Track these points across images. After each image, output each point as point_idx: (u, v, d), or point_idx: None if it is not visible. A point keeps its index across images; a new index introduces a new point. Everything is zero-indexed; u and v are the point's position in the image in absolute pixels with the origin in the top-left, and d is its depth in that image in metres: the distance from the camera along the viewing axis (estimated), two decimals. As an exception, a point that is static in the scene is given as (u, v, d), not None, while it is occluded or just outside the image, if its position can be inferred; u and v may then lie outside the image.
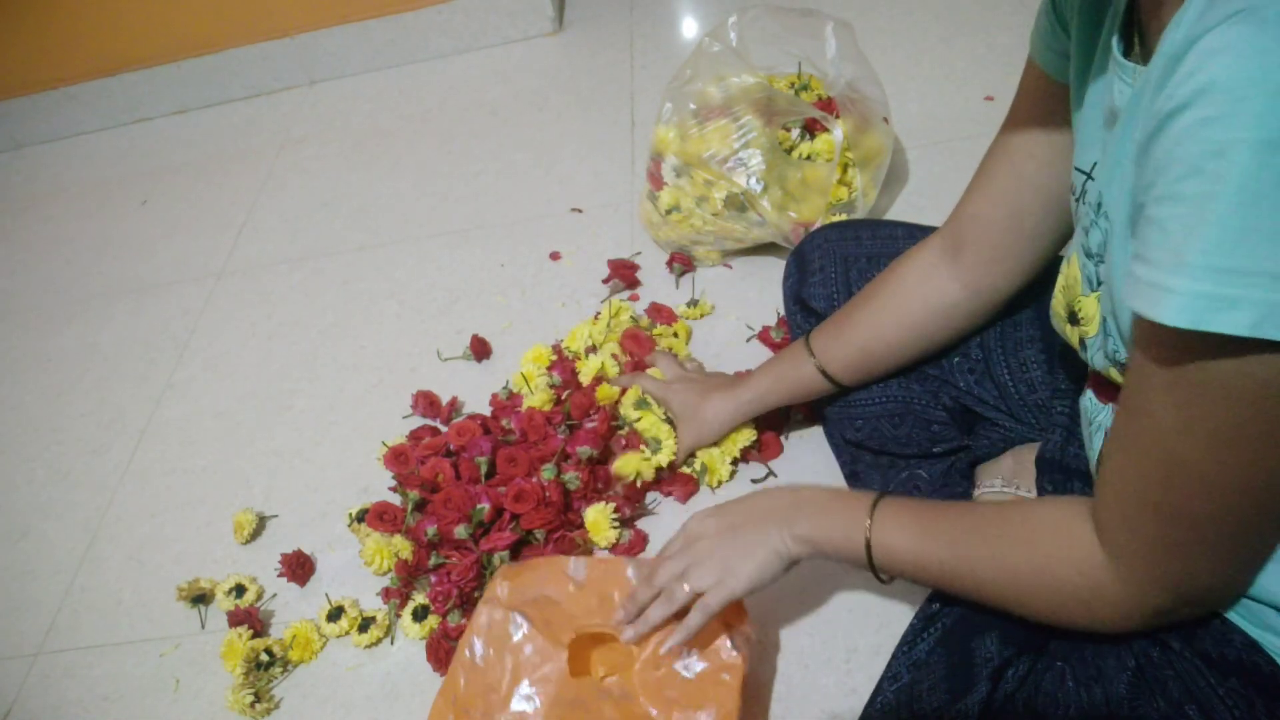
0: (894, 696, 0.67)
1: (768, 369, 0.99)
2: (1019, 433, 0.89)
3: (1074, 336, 0.64)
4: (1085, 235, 0.60)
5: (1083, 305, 0.61)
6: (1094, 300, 0.60)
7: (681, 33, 1.94)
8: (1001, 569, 0.61)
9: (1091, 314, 0.60)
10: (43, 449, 1.45)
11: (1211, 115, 0.39)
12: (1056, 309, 0.65)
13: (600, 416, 1.09)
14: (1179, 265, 0.41)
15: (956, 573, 0.64)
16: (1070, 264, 0.63)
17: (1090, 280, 0.60)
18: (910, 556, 0.67)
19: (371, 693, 1.01)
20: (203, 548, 1.22)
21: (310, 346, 1.46)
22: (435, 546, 1.04)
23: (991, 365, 0.88)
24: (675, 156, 1.29)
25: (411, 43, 2.04)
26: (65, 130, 2.20)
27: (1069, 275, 0.63)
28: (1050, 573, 0.58)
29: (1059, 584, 0.57)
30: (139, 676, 1.10)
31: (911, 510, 0.68)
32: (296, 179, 1.85)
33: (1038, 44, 0.70)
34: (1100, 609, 0.57)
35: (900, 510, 0.69)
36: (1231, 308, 0.40)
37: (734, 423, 1.02)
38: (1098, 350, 0.60)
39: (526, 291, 1.42)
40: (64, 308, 1.71)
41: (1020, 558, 0.60)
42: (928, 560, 0.66)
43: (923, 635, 0.70)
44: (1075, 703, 0.60)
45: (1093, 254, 0.59)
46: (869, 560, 0.69)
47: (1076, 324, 0.62)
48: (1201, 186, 0.40)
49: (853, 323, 0.90)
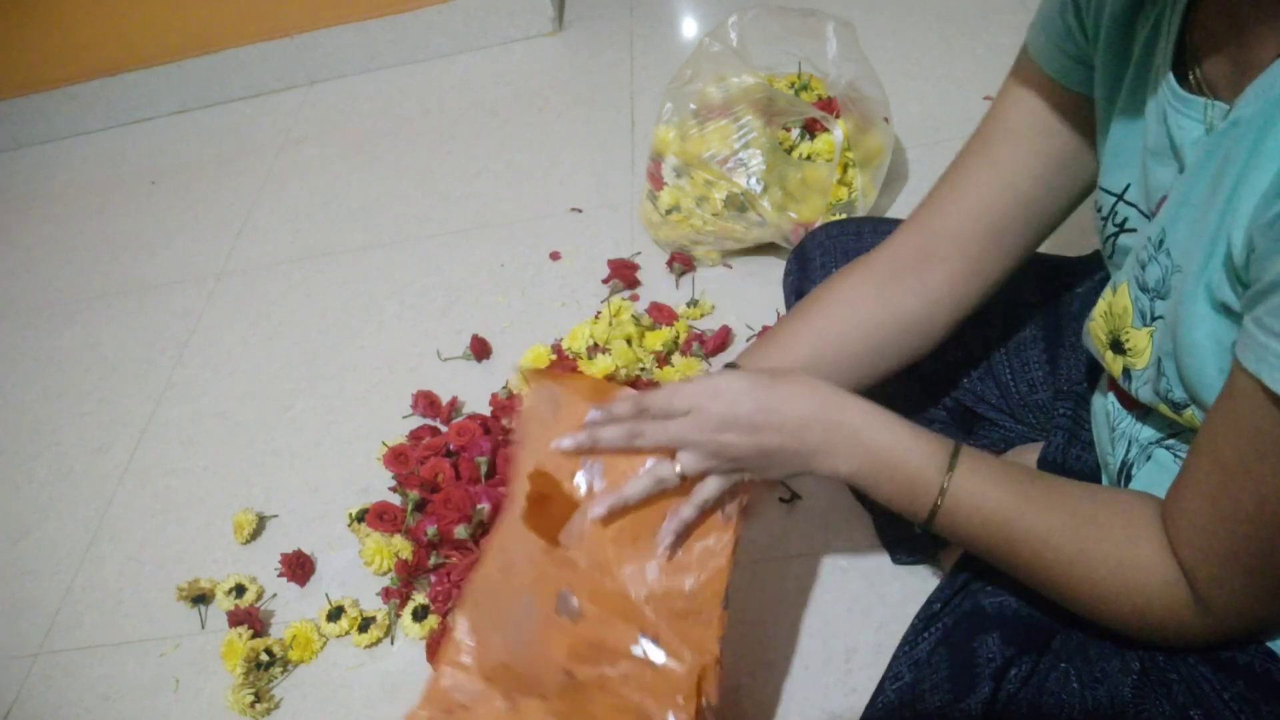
0: (896, 696, 0.67)
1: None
2: (1019, 433, 0.89)
3: (1116, 365, 0.61)
4: (1141, 269, 0.57)
5: (1132, 337, 0.59)
6: (1146, 335, 0.58)
7: (681, 33, 1.94)
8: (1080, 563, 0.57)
9: (1142, 348, 0.58)
10: (43, 449, 1.45)
11: None
12: (1096, 333, 0.63)
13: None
14: None
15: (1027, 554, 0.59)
16: (1119, 293, 0.60)
17: (1144, 314, 0.58)
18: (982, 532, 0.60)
19: (371, 693, 1.01)
20: (203, 548, 1.22)
21: (310, 346, 1.46)
22: (435, 546, 1.04)
23: (993, 364, 0.88)
24: (675, 156, 1.29)
25: (411, 43, 2.04)
26: (65, 130, 2.20)
27: (1115, 304, 0.60)
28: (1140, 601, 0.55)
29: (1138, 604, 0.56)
30: (139, 676, 1.10)
31: (997, 476, 0.61)
32: (296, 179, 1.85)
33: (1044, 47, 0.65)
34: (1173, 637, 0.56)
35: (984, 471, 0.61)
36: None
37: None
38: (1145, 384, 0.58)
39: (526, 291, 1.42)
40: (64, 308, 1.72)
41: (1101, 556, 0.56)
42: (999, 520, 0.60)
43: (924, 635, 0.69)
44: (1080, 704, 0.60)
45: (1149, 289, 0.57)
46: (929, 519, 0.62)
47: (1122, 353, 0.60)
48: None
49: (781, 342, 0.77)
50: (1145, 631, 0.57)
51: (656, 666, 0.67)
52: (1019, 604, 0.68)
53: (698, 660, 0.67)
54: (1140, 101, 0.58)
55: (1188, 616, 0.54)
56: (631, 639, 0.67)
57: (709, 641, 0.67)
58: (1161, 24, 0.56)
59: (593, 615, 0.69)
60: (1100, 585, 0.57)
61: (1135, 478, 0.65)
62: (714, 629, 0.67)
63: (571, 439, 0.68)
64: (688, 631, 0.68)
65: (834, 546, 0.98)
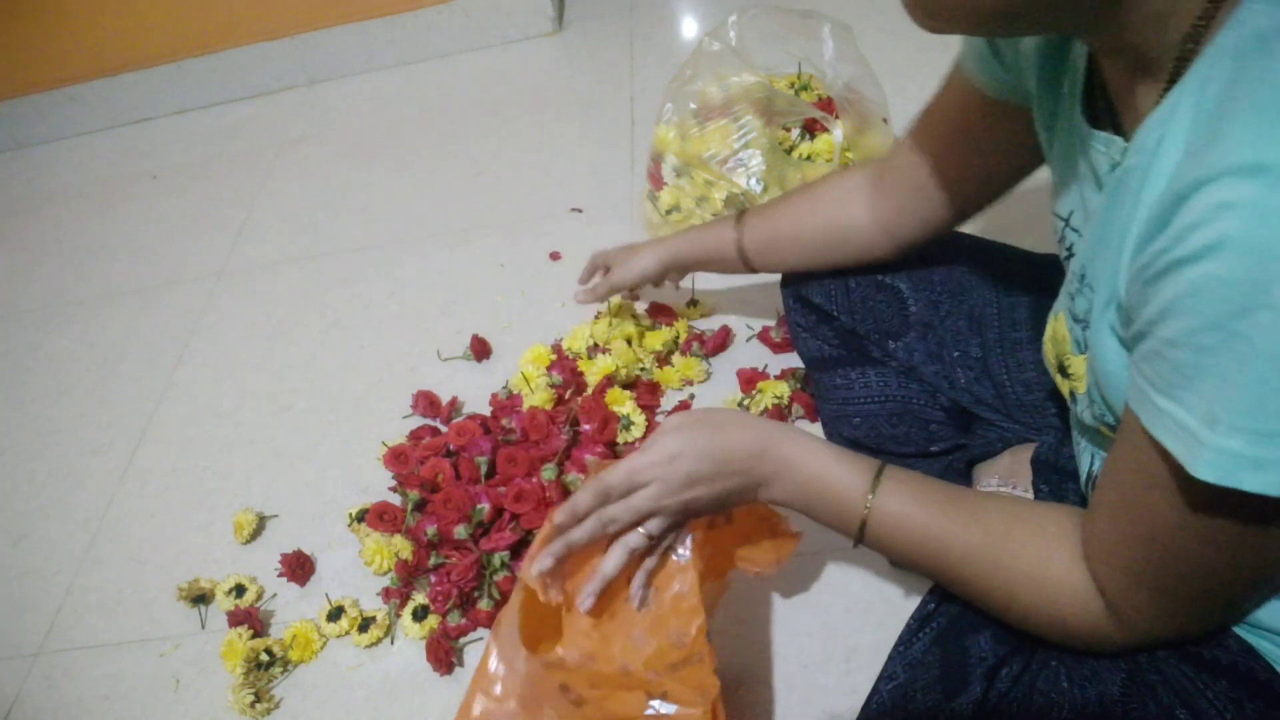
0: (889, 697, 0.67)
1: (699, 225, 1.03)
2: (1015, 432, 0.89)
3: (1065, 388, 0.64)
4: (1071, 300, 0.60)
5: (1072, 363, 0.62)
6: (1082, 361, 0.60)
7: (681, 33, 1.94)
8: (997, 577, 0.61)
9: (1081, 373, 0.61)
10: (43, 449, 1.45)
11: (1230, 276, 0.40)
12: (1048, 357, 0.66)
13: (601, 418, 1.10)
14: (1211, 420, 0.42)
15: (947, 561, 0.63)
16: (1058, 320, 0.63)
17: (1078, 342, 0.60)
18: (905, 532, 0.64)
19: (371, 693, 1.01)
20: (203, 548, 1.22)
21: (310, 346, 1.46)
22: (435, 546, 1.04)
23: (990, 364, 0.88)
24: (675, 156, 1.29)
25: (411, 43, 2.04)
26: (65, 130, 2.20)
27: (1057, 330, 0.63)
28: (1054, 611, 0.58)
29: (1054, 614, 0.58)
30: (139, 676, 1.10)
31: (917, 482, 0.66)
32: (296, 179, 1.85)
33: (974, 68, 0.70)
34: (1092, 646, 0.59)
35: (905, 480, 0.66)
36: (1260, 469, 0.41)
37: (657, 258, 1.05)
38: (1085, 409, 0.61)
39: (526, 291, 1.42)
40: (64, 308, 1.72)
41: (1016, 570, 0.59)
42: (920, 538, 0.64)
43: (918, 635, 0.70)
44: (1069, 702, 0.60)
45: (1079, 319, 0.59)
46: (859, 535, 0.67)
47: (1068, 377, 0.63)
48: (1221, 342, 0.41)
49: (775, 208, 0.95)
50: (1067, 640, 0.60)
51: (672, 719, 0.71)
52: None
53: (706, 699, 0.70)
54: (1072, 131, 0.60)
55: (1104, 626, 0.56)
56: (641, 706, 0.71)
57: (708, 678, 0.70)
58: (1078, 59, 0.58)
59: (596, 698, 0.72)
60: (1017, 598, 0.60)
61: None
62: (708, 664, 0.71)
63: (547, 554, 0.70)
64: (688, 677, 0.71)
65: (834, 547, 0.98)
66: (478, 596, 1.01)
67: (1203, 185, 0.41)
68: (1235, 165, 0.40)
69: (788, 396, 1.11)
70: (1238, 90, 0.42)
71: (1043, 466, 0.80)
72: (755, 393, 1.13)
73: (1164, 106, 0.47)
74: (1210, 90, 0.44)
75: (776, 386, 1.12)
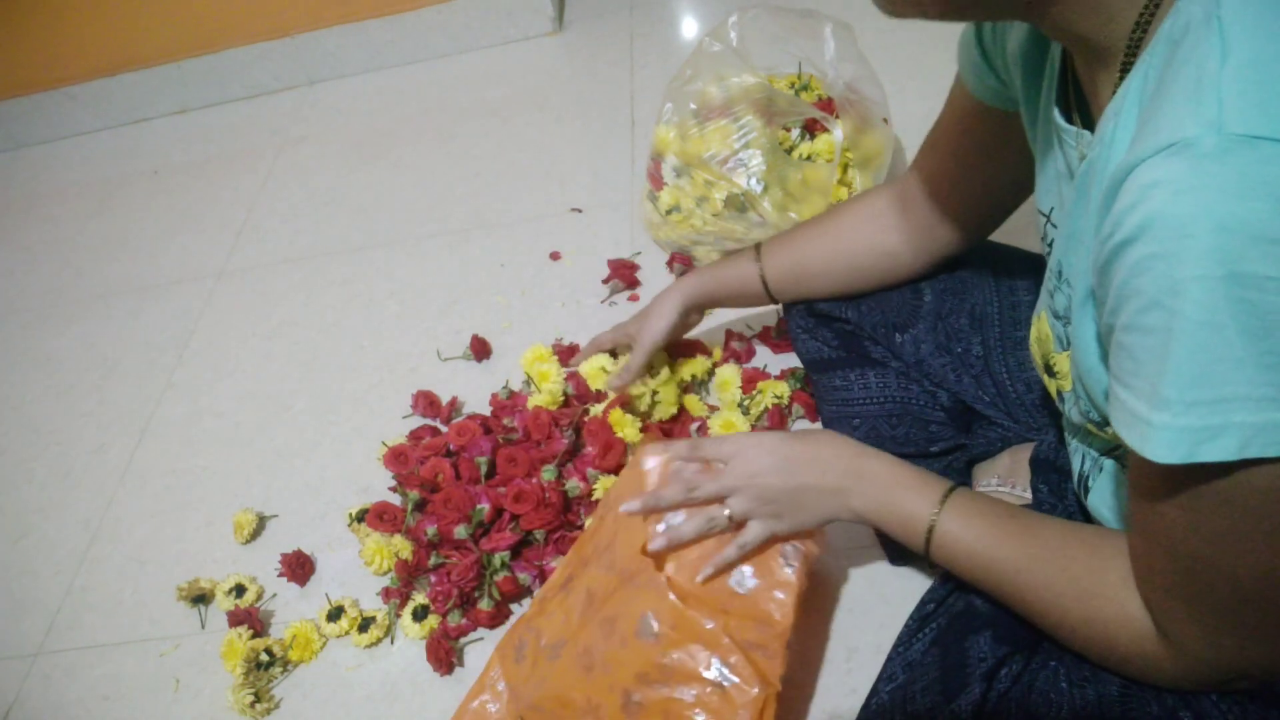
0: (889, 697, 0.67)
1: (716, 263, 1.02)
2: (1016, 432, 0.89)
3: (1053, 387, 0.65)
4: (1051, 298, 0.61)
5: (1057, 361, 0.62)
6: (1066, 359, 0.60)
7: (681, 33, 1.94)
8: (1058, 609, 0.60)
9: (1065, 370, 0.61)
10: (43, 449, 1.45)
11: (1159, 251, 0.41)
12: (1035, 357, 0.66)
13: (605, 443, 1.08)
14: (1157, 400, 0.43)
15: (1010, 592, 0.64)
16: (1040, 320, 0.63)
17: (1061, 340, 0.61)
18: (968, 559, 0.66)
19: (371, 693, 1.01)
20: (203, 548, 1.22)
21: (310, 346, 1.46)
22: (435, 546, 1.04)
23: (991, 363, 0.88)
24: (675, 156, 1.29)
25: (411, 43, 2.04)
26: (65, 130, 2.20)
27: (1041, 329, 0.64)
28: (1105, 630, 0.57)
29: (1111, 643, 0.57)
30: (139, 676, 1.10)
31: (982, 511, 0.67)
32: (296, 179, 1.85)
33: (968, 75, 0.72)
34: (1152, 675, 0.57)
35: (971, 507, 0.67)
36: (1215, 437, 0.42)
37: (677, 305, 1.01)
38: (1073, 406, 0.61)
39: (526, 291, 1.42)
40: (64, 308, 1.72)
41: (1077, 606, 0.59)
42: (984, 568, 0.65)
43: (918, 635, 0.70)
44: (1068, 703, 0.60)
45: (1060, 316, 0.60)
46: (925, 549, 0.69)
47: (1054, 376, 0.63)
48: (1163, 320, 0.41)
49: (797, 239, 0.94)
50: (1124, 666, 0.58)
51: (725, 690, 0.74)
52: (1011, 603, 0.68)
53: (763, 689, 0.74)
54: (1049, 128, 0.61)
55: (1155, 651, 0.55)
56: (705, 663, 0.75)
57: (773, 675, 0.75)
58: (1054, 55, 0.59)
59: (671, 639, 0.76)
60: (1069, 614, 0.59)
61: (1092, 488, 0.66)
62: (778, 665, 0.76)
63: (637, 501, 0.78)
64: (756, 661, 0.75)
65: (833, 547, 0.98)
66: (478, 596, 1.01)
67: (1133, 168, 0.42)
68: (1159, 145, 0.41)
69: (788, 396, 1.11)
70: (1167, 74, 0.43)
71: (1042, 466, 0.80)
72: (755, 393, 1.12)
73: (1116, 97, 0.48)
74: (1151, 77, 0.45)
75: (776, 386, 1.12)
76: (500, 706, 0.87)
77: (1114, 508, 0.64)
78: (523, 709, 0.84)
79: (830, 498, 0.73)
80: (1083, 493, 0.68)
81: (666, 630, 0.76)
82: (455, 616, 1.00)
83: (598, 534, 0.88)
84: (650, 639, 0.76)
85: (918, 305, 0.90)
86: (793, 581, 0.78)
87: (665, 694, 0.75)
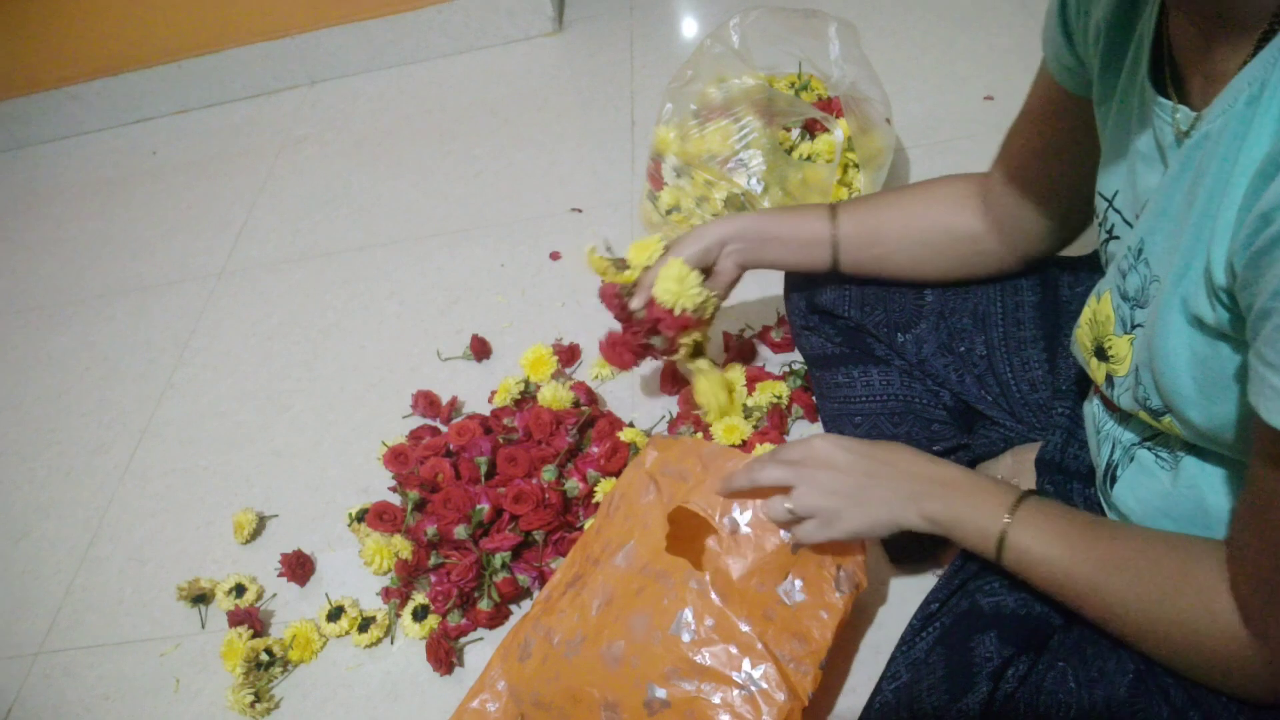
0: (893, 696, 0.67)
1: (774, 210, 0.96)
2: (1019, 432, 0.89)
3: (1099, 372, 0.62)
4: (1122, 278, 0.58)
5: (1114, 344, 0.60)
6: (1127, 342, 0.58)
7: (681, 33, 1.94)
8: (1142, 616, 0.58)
9: (1123, 355, 0.59)
10: (43, 449, 1.45)
11: None
12: (1082, 340, 0.64)
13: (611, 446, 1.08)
14: None
15: (1090, 602, 0.61)
16: (1102, 300, 0.61)
17: (1124, 322, 0.59)
18: (1044, 569, 0.63)
19: (371, 693, 1.01)
20: (203, 548, 1.22)
21: (310, 346, 1.46)
22: (435, 546, 1.04)
23: (994, 362, 0.88)
24: (675, 157, 1.29)
25: (411, 43, 2.04)
26: (66, 130, 2.20)
27: (1099, 311, 0.62)
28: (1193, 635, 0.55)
29: (1200, 648, 0.55)
30: (139, 676, 1.10)
31: (1055, 519, 0.64)
32: (296, 179, 1.85)
33: (1050, 55, 0.69)
34: (1242, 682, 0.54)
35: (1043, 516, 0.64)
36: None
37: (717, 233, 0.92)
38: (1126, 391, 0.59)
39: (526, 291, 1.42)
40: (64, 308, 1.72)
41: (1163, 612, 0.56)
42: (1061, 579, 0.62)
43: (922, 634, 0.70)
44: (1076, 704, 0.60)
45: (1129, 297, 0.58)
46: (997, 556, 0.66)
47: (1105, 360, 0.61)
48: None
49: (875, 205, 0.89)
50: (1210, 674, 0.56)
51: (753, 695, 0.75)
52: (1016, 603, 0.68)
53: (790, 700, 0.74)
54: (1130, 106, 0.59)
55: (1247, 654, 0.52)
56: (736, 666, 0.76)
57: (803, 690, 0.76)
58: (1145, 29, 0.57)
59: (707, 638, 0.77)
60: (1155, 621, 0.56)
61: (1120, 479, 0.65)
62: (809, 682, 0.77)
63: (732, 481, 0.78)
64: (788, 673, 0.76)
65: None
66: (478, 596, 1.01)
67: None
68: None
69: (788, 396, 1.11)
70: None
71: (1047, 467, 0.80)
72: (755, 393, 1.12)
73: (1252, 66, 0.45)
74: None
75: (776, 386, 1.12)
76: (500, 706, 0.87)
77: (1143, 500, 0.63)
78: (525, 707, 0.84)
79: (899, 501, 0.70)
80: (1108, 484, 0.67)
81: (703, 628, 0.77)
82: (455, 616, 1.00)
83: (604, 533, 0.88)
84: (687, 635, 0.77)
85: (920, 304, 0.90)
86: (839, 606, 0.79)
87: (692, 692, 0.76)
